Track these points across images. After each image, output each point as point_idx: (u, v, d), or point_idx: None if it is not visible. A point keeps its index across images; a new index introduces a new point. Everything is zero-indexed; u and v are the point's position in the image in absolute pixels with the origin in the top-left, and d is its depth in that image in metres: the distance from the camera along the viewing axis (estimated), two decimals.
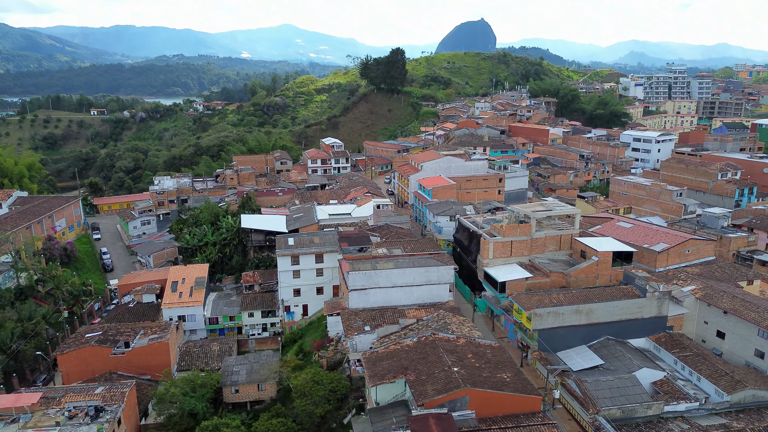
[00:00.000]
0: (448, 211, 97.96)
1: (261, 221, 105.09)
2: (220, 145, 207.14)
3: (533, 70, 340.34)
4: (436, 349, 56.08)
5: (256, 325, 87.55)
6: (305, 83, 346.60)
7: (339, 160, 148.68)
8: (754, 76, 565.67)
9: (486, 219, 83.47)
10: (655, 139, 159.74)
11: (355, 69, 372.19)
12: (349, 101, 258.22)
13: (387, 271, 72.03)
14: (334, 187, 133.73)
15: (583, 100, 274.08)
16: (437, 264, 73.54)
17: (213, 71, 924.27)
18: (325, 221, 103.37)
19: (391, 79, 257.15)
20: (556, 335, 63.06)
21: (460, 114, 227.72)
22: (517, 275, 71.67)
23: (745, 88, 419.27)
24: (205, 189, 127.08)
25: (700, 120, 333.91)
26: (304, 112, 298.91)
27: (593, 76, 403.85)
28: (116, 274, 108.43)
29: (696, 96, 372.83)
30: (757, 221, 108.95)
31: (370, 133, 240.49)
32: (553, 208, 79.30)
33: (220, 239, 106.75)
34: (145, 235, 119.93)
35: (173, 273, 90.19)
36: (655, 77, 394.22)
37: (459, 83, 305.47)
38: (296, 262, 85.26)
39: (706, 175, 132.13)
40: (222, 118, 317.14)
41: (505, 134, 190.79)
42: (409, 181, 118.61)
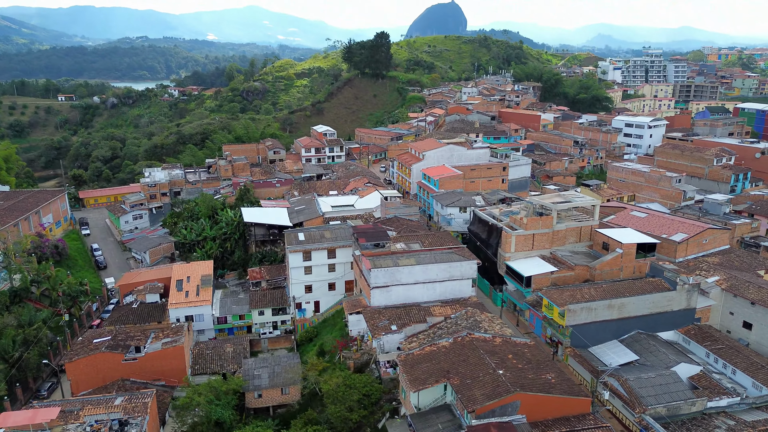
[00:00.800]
0: (458, 202, 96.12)
1: (263, 215, 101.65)
2: (203, 133, 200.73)
3: (514, 54, 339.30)
4: (476, 351, 54.44)
5: (267, 324, 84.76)
6: (284, 67, 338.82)
7: (333, 149, 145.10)
8: (723, 59, 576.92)
9: (503, 211, 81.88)
10: (647, 124, 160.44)
11: (335, 53, 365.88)
12: (333, 86, 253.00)
13: (409, 267, 70.00)
14: (331, 177, 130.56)
15: (565, 84, 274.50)
16: (460, 259, 71.78)
17: (180, 54, 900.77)
18: (330, 214, 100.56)
19: (376, 63, 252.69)
20: (588, 331, 62.11)
21: (447, 99, 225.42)
22: (542, 269, 70.40)
23: (718, 71, 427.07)
24: (198, 181, 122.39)
25: (677, 103, 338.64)
26: (285, 97, 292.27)
27: (571, 60, 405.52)
28: (110, 271, 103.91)
29: (672, 79, 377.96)
30: (757, 207, 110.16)
31: (356, 119, 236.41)
32: (572, 199, 78.07)
33: (220, 234, 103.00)
34: (138, 229, 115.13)
35: (177, 271, 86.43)
36: (632, 61, 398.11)
37: (442, 67, 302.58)
38: (308, 258, 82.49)
39: (702, 161, 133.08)
40: (199, 104, 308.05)
41: (496, 120, 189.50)
42: (411, 170, 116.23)
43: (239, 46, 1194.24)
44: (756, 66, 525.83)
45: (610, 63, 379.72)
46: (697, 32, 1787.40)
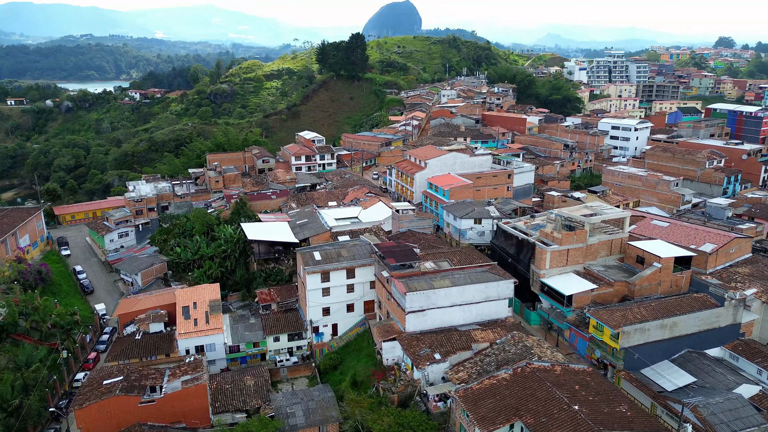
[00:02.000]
0: (472, 214, 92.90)
1: (265, 230, 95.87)
2: (177, 139, 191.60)
3: (484, 55, 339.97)
4: (541, 383, 51.15)
5: (283, 350, 79.31)
6: (251, 68, 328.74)
7: (324, 156, 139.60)
8: (674, 59, 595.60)
9: (529, 224, 79.04)
10: (634, 126, 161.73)
11: (304, 54, 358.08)
12: (308, 89, 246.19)
13: (446, 289, 66.46)
14: (327, 186, 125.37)
15: (537, 85, 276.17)
16: (496, 278, 68.59)
17: (130, 53, 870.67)
18: (337, 228, 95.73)
19: (352, 65, 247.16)
20: (641, 352, 59.83)
21: (425, 102, 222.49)
22: (582, 287, 67.87)
23: (675, 71, 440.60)
24: (186, 194, 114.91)
25: (641, 103, 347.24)
26: (255, 100, 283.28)
27: (537, 60, 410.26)
28: (98, 296, 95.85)
29: (634, 80, 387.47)
30: (757, 210, 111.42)
31: (333, 122, 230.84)
32: (601, 211, 75.90)
33: (219, 252, 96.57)
34: (123, 248, 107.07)
35: (181, 296, 79.93)
36: (596, 61, 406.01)
37: (414, 69, 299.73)
38: (326, 279, 77.57)
39: (694, 164, 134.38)
40: (164, 108, 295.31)
41: (480, 123, 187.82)
42: (414, 179, 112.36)
43: (191, 45, 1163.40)
44: (707, 65, 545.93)
45: (575, 63, 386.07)
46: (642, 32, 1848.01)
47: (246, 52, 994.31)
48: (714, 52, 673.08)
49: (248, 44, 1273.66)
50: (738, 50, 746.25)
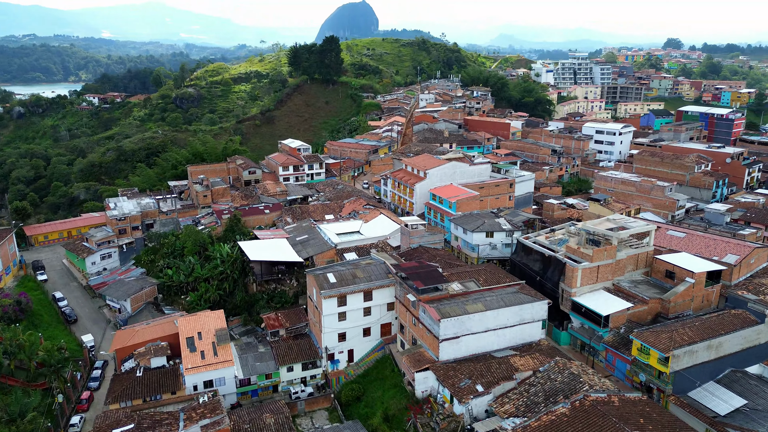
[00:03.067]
0: (483, 227, 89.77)
1: (265, 249, 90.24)
2: (148, 148, 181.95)
3: (454, 57, 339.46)
4: (606, 419, 48.10)
5: (296, 381, 74.12)
6: (218, 71, 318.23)
7: (313, 166, 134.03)
8: (630, 60, 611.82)
9: (551, 239, 76.37)
10: (619, 131, 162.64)
11: (271, 56, 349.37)
12: (281, 93, 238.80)
13: (480, 314, 62.88)
14: (319, 198, 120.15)
15: (510, 87, 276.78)
16: (530, 300, 65.46)
17: (78, 54, 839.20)
18: (343, 245, 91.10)
19: (326, 68, 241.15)
20: (688, 374, 57.71)
21: (403, 106, 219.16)
22: (617, 306, 65.51)
23: (635, 73, 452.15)
24: (173, 210, 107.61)
25: (607, 104, 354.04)
26: (223, 104, 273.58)
27: (503, 62, 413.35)
28: (82, 325, 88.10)
29: (598, 81, 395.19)
30: (752, 214, 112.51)
31: (309, 127, 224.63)
32: (626, 224, 73.88)
33: (216, 273, 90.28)
34: (106, 271, 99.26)
35: (184, 326, 73.67)
36: (561, 63, 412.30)
37: (387, 72, 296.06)
38: (343, 302, 72.85)
39: (683, 168, 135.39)
40: (126, 114, 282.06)
41: (462, 128, 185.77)
42: (414, 190, 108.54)
43: (141, 45, 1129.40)
44: (662, 67, 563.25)
45: (542, 66, 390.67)
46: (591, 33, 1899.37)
47: (200, 52, 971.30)
48: (664, 53, 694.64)
49: (202, 44, 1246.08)
50: (686, 51, 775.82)
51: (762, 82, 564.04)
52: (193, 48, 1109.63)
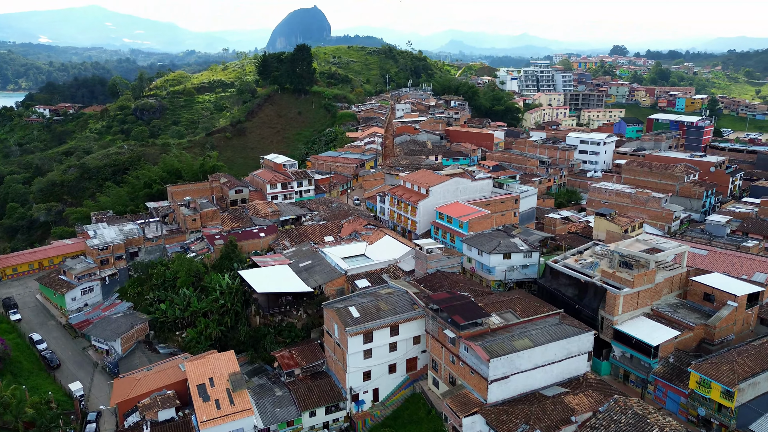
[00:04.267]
0: (500, 248, 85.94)
1: (270, 279, 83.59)
2: (114, 165, 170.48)
3: (421, 65, 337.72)
4: None
5: (318, 425, 67.99)
6: (178, 80, 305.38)
7: (301, 183, 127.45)
8: (583, 67, 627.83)
9: (581, 261, 73.15)
10: (603, 141, 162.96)
11: (235, 64, 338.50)
12: (252, 104, 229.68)
13: (529, 351, 58.72)
14: (314, 218, 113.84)
15: (480, 96, 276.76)
16: (576, 332, 61.78)
17: (17, 61, 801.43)
18: (354, 271, 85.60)
19: (298, 78, 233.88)
20: (751, 406, 55.12)
21: (379, 116, 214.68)
22: (666, 335, 62.55)
23: (593, 80, 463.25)
24: (159, 236, 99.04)
25: (570, 112, 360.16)
26: (187, 115, 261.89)
27: (467, 70, 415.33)
28: (66, 371, 78.99)
29: (561, 88, 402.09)
30: (749, 225, 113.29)
31: (282, 139, 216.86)
32: (659, 245, 71.39)
33: (217, 307, 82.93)
34: (88, 306, 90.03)
35: (193, 371, 66.34)
36: (524, 71, 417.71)
37: (357, 80, 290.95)
38: (369, 339, 67.36)
39: (672, 178, 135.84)
40: (81, 126, 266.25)
41: (444, 139, 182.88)
42: (417, 208, 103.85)
43: (83, 51, 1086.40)
44: (614, 73, 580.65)
45: (506, 73, 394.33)
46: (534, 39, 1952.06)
47: (147, 58, 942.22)
48: (611, 60, 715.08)
49: (148, 50, 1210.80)
50: (632, 58, 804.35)
51: (707, 87, 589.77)
52: (139, 54, 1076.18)
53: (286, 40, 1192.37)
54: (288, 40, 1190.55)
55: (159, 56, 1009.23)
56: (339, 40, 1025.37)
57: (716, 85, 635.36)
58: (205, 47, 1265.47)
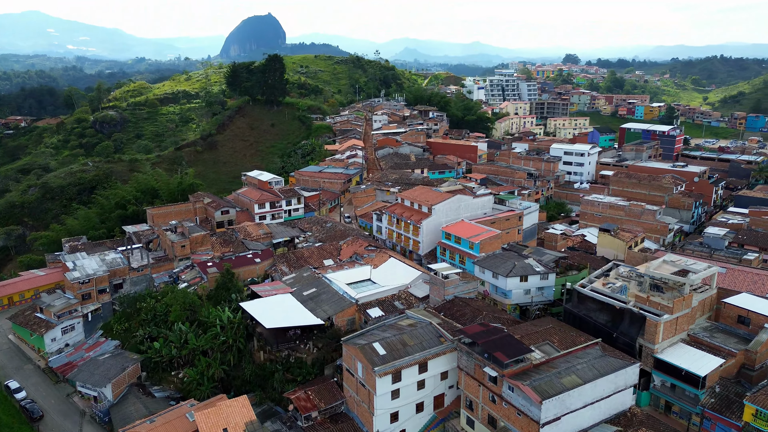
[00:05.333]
0: (516, 270, 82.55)
1: (276, 311, 77.51)
2: (79, 184, 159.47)
3: (390, 75, 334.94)
4: None
5: None
6: (140, 91, 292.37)
7: (291, 201, 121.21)
8: (541, 76, 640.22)
9: (609, 285, 70.32)
10: (587, 152, 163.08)
11: (199, 74, 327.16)
12: (222, 116, 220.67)
13: (579, 389, 54.94)
14: (308, 239, 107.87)
15: (452, 106, 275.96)
16: (623, 364, 58.58)
17: None
18: (365, 299, 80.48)
19: (270, 89, 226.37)
20: None
21: (355, 128, 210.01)
22: (711, 363, 60.10)
23: (555, 89, 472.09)
24: (145, 265, 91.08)
25: (537, 120, 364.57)
26: (151, 128, 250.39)
27: (433, 80, 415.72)
28: (51, 422, 70.75)
29: (526, 97, 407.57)
30: (744, 236, 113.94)
31: (256, 152, 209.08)
32: (687, 266, 69.25)
33: (218, 344, 76.17)
34: (69, 347, 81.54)
35: (204, 421, 59.71)
36: (489, 80, 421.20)
37: (328, 91, 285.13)
38: (397, 378, 62.33)
39: (661, 189, 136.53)
40: (36, 140, 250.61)
41: (427, 152, 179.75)
42: (420, 228, 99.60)
43: (25, 58, 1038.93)
44: (572, 81, 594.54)
45: (473, 83, 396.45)
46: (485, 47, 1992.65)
47: (94, 66, 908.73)
48: (566, 68, 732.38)
49: (94, 57, 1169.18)
50: (584, 66, 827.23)
51: (658, 95, 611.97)
52: (86, 61, 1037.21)
53: (240, 48, 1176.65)
54: (242, 48, 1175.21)
55: (107, 63, 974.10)
56: (294, 47, 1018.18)
57: (666, 92, 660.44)
58: (155, 54, 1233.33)
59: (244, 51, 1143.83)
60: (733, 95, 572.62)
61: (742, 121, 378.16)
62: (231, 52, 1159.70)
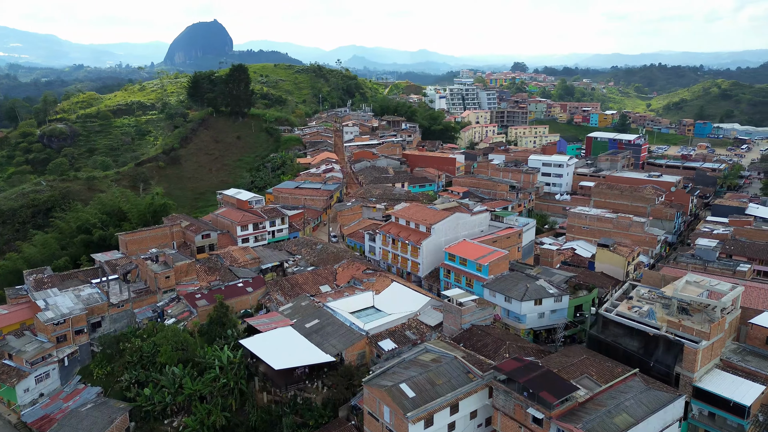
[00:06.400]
0: (530, 294, 79.34)
1: (280, 347, 71.57)
2: (33, 206, 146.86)
3: (353, 84, 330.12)
4: None
5: None
6: (89, 102, 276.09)
7: (275, 222, 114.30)
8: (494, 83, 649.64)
9: (637, 309, 67.83)
10: (566, 163, 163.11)
11: (153, 83, 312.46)
12: (186, 129, 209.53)
13: (633, 429, 51.51)
14: (299, 263, 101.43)
15: (419, 116, 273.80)
16: (670, 398, 55.77)
17: None
18: (375, 330, 75.32)
19: (236, 100, 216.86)
20: None
21: (326, 140, 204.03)
22: (754, 391, 58.11)
23: (512, 97, 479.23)
24: (125, 300, 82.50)
25: (499, 129, 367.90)
26: (104, 141, 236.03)
27: (393, 89, 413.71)
28: None
29: (486, 106, 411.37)
30: (731, 247, 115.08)
31: (222, 166, 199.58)
32: (711, 287, 67.59)
33: (218, 387, 69.15)
34: (45, 397, 72.43)
35: None
36: (449, 89, 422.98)
37: (291, 101, 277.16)
38: (429, 423, 57.46)
39: (643, 200, 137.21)
40: None
41: (404, 164, 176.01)
42: (420, 249, 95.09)
43: None
44: (525, 89, 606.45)
45: (435, 92, 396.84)
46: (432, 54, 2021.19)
47: (29, 74, 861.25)
48: (515, 76, 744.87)
49: (28, 64, 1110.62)
50: (532, 74, 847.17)
51: (605, 102, 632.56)
52: (19, 69, 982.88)
53: (185, 55, 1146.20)
54: (188, 55, 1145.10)
55: (43, 71, 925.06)
56: (243, 54, 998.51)
57: (612, 99, 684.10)
58: (93, 61, 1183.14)
59: (190, 58, 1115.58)
60: (676, 102, 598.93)
61: (690, 128, 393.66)
62: (176, 60, 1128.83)
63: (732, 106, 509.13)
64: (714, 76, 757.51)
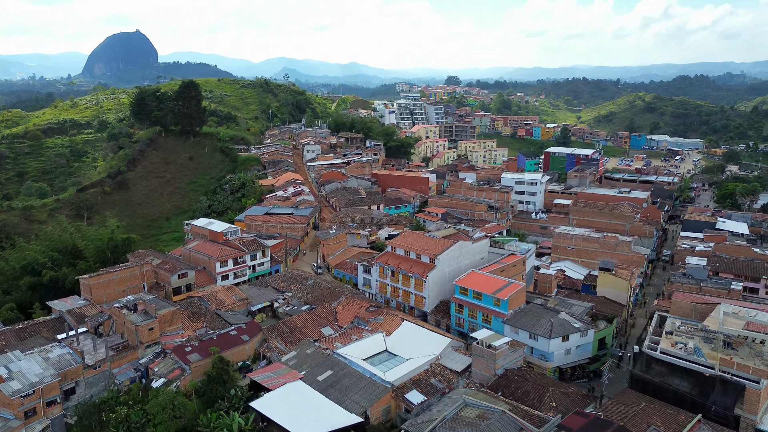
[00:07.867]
0: (558, 330, 74.77)
1: (295, 408, 63.27)
2: None
3: (302, 99, 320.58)
4: None
5: None
6: (15, 120, 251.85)
7: (256, 255, 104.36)
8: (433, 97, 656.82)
9: (681, 345, 64.52)
10: (539, 181, 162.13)
11: (87, 100, 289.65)
12: (133, 150, 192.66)
13: None
14: (293, 303, 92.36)
15: (375, 132, 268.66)
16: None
17: None
18: (399, 381, 68.08)
19: (187, 119, 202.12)
20: None
21: (286, 159, 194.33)
22: None
23: (456, 111, 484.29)
24: (103, 360, 70.68)
25: (449, 144, 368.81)
26: (35, 164, 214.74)
27: (341, 103, 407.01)
28: None
29: (434, 121, 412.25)
30: (716, 264, 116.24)
31: (174, 190, 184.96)
32: (755, 318, 65.41)
33: None
34: None
35: None
36: (397, 104, 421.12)
37: (243, 118, 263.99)
38: None
39: (622, 218, 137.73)
40: None
41: (375, 185, 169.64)
42: (426, 282, 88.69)
43: None
44: (465, 103, 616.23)
45: (384, 107, 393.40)
46: (362, 67, 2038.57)
47: None
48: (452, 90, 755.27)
49: None
50: (466, 87, 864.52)
51: (540, 115, 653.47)
52: None
53: (106, 67, 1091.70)
54: (108, 67, 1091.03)
55: None
56: (168, 66, 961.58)
57: (545, 112, 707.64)
58: (2, 73, 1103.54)
59: (111, 70, 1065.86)
60: (605, 114, 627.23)
61: (626, 140, 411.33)
62: (95, 71, 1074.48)
63: (657, 119, 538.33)
64: (633, 89, 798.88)
